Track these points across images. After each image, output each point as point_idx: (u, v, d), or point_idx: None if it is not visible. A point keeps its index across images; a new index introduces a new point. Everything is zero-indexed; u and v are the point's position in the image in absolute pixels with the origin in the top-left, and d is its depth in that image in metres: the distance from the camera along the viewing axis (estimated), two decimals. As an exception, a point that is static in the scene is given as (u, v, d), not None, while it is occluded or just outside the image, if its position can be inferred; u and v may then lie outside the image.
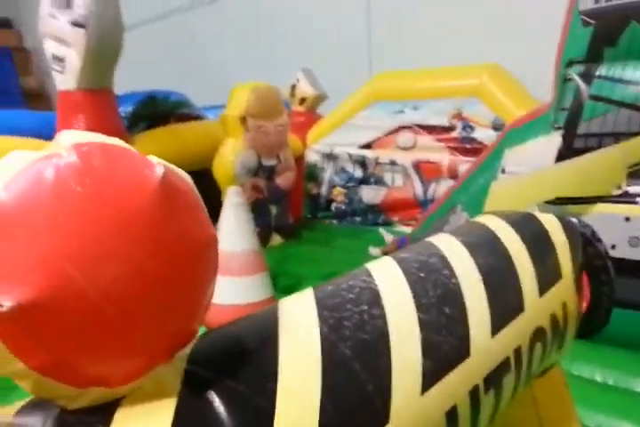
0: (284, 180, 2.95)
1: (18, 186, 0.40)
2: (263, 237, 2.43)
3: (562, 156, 1.51)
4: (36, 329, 0.38)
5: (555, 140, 1.52)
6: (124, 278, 0.40)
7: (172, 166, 0.47)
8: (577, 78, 1.50)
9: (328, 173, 3.32)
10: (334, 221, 3.28)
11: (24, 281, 0.37)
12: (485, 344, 0.63)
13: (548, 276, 0.79)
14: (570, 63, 1.53)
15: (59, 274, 0.38)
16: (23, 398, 0.49)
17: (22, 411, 0.46)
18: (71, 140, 0.42)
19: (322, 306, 0.59)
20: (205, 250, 0.47)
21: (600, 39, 1.45)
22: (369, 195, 3.11)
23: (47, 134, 2.36)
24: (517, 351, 0.68)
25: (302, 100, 3.44)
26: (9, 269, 0.38)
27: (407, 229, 2.72)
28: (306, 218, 3.38)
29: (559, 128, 1.53)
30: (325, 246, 2.76)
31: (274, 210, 2.93)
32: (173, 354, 0.45)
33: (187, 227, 0.45)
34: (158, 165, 0.44)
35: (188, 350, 0.49)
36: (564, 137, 1.51)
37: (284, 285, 2.15)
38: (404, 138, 2.94)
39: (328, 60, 4.03)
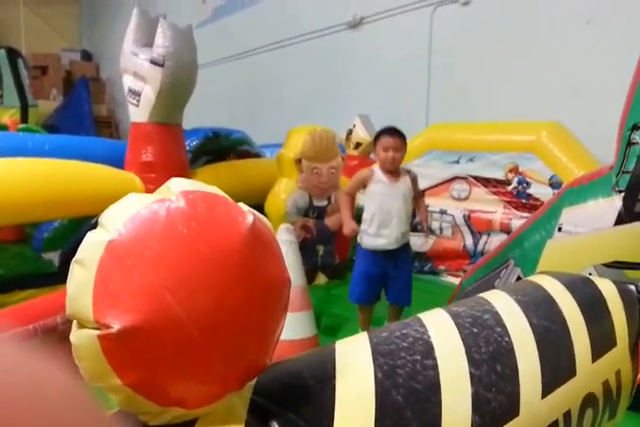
0: (333, 221, 3.01)
1: (134, 224, 0.46)
2: (309, 276, 2.46)
3: (622, 219, 1.48)
4: (135, 350, 0.44)
5: (615, 202, 1.51)
6: (213, 310, 0.46)
7: (259, 215, 0.53)
8: (641, 143, 1.50)
9: (378, 217, 3.34)
10: (380, 265, 3.28)
11: (131, 308, 0.43)
12: (535, 405, 0.64)
13: (602, 342, 0.79)
14: (635, 127, 1.53)
15: (160, 303, 0.44)
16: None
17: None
18: (180, 187, 0.49)
19: (376, 351, 0.62)
20: (281, 290, 0.52)
21: (667, 104, 1.45)
22: (417, 242, 3.11)
23: (116, 161, 2.53)
24: (567, 415, 0.68)
25: (357, 145, 3.53)
26: (120, 297, 0.44)
27: (454, 280, 2.69)
28: (352, 260, 3.40)
29: (620, 191, 1.51)
30: (370, 290, 2.76)
31: (321, 250, 2.98)
32: (245, 383, 0.50)
33: (268, 268, 0.51)
34: (249, 213, 0.51)
35: (253, 381, 0.53)
36: (625, 200, 1.49)
37: (326, 324, 2.16)
38: (459, 188, 2.95)
39: (386, 107, 4.15)
